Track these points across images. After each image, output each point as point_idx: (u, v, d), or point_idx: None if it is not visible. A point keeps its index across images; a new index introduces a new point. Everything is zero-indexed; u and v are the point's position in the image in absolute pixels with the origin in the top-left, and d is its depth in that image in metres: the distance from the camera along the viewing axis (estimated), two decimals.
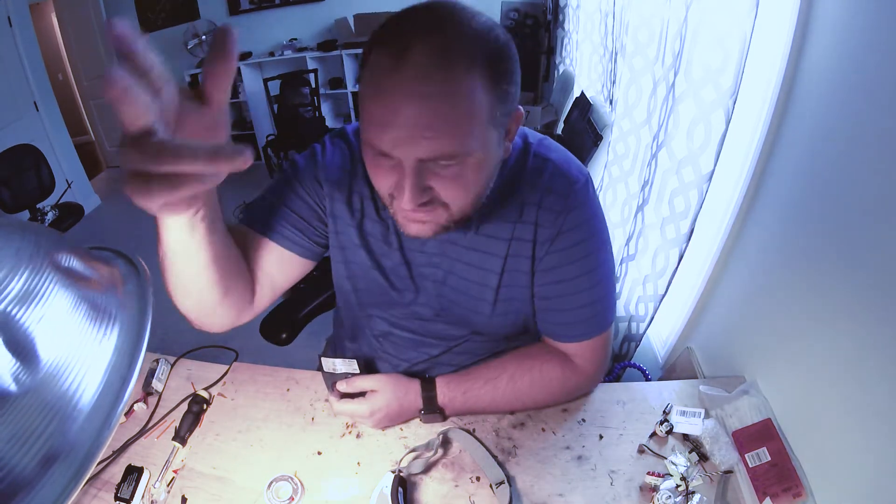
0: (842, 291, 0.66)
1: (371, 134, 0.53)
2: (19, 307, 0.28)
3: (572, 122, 2.40)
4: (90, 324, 0.32)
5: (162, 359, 0.92)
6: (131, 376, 0.32)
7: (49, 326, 0.29)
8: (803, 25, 0.74)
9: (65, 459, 0.28)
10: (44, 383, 0.28)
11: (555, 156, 0.68)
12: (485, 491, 0.70)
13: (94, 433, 0.29)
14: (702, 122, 0.98)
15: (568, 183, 0.66)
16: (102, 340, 0.32)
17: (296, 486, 0.70)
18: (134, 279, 0.38)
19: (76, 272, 0.33)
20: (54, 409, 0.28)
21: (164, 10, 4.06)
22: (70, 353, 0.30)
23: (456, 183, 0.55)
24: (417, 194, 0.54)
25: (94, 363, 0.31)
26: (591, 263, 0.70)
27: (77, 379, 0.29)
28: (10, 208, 2.69)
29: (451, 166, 0.54)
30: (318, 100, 3.64)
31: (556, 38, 3.12)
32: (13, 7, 3.12)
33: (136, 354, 0.33)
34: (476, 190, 0.58)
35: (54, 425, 0.28)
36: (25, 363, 0.27)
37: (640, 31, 1.44)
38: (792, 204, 0.79)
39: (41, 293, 0.29)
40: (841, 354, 0.66)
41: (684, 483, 0.68)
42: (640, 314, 1.30)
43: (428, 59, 0.48)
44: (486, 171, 0.57)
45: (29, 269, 0.29)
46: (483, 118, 0.52)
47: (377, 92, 0.51)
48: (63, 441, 0.28)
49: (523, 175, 0.67)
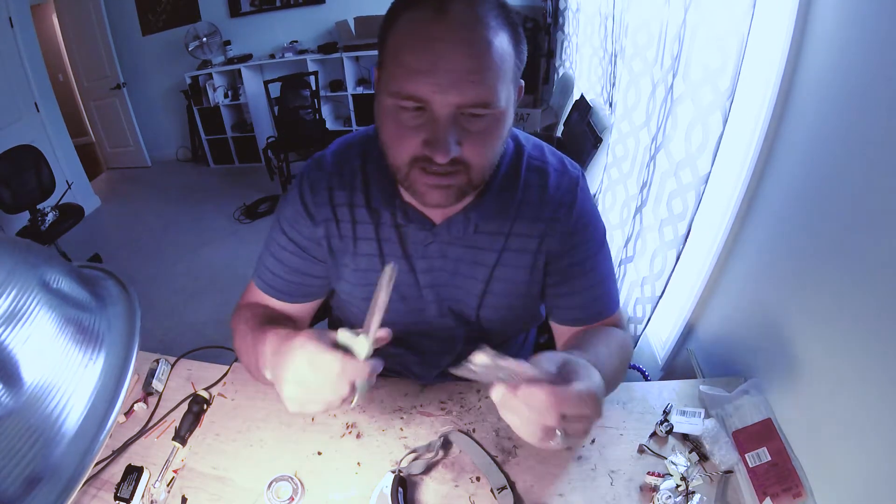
0: (841, 291, 0.66)
1: (409, 84, 0.53)
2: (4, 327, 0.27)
3: (572, 124, 2.40)
4: (77, 346, 0.31)
5: (162, 359, 0.92)
6: (117, 400, 0.31)
7: (34, 348, 0.28)
8: (801, 27, 0.75)
9: (48, 482, 0.28)
10: (28, 405, 0.28)
11: (550, 158, 0.73)
12: (484, 491, 0.70)
13: (79, 457, 0.29)
14: (700, 124, 0.99)
15: (572, 180, 0.72)
16: (88, 363, 0.31)
17: (296, 486, 0.70)
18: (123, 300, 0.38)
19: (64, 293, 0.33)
20: (38, 432, 0.28)
21: (165, 11, 4.06)
22: (55, 376, 0.29)
23: (482, 139, 0.57)
24: (453, 146, 0.55)
25: (79, 386, 0.30)
26: (602, 241, 0.76)
27: (62, 402, 0.29)
28: (10, 209, 2.69)
29: (481, 119, 0.55)
30: (318, 102, 3.64)
31: (556, 42, 3.14)
32: (14, 8, 3.13)
33: (122, 378, 0.32)
34: (494, 150, 0.60)
35: (38, 447, 0.27)
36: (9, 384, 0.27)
37: (639, 33, 1.45)
38: (790, 204, 0.80)
39: (27, 313, 0.29)
40: (841, 354, 0.66)
41: (684, 483, 0.68)
42: (638, 316, 1.30)
43: (467, 13, 0.52)
44: (504, 131, 0.59)
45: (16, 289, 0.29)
46: (509, 74, 0.56)
47: (418, 41, 0.53)
48: (46, 464, 0.28)
49: (519, 176, 0.70)
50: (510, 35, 0.55)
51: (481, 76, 0.53)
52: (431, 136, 0.55)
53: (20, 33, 3.18)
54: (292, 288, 0.78)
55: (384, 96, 0.57)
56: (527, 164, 0.71)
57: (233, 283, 2.75)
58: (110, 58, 4.11)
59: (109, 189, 4.28)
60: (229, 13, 4.04)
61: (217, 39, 3.99)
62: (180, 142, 4.66)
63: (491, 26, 0.53)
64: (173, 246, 3.24)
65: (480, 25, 0.53)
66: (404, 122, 0.56)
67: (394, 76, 0.55)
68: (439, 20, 0.52)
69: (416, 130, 0.55)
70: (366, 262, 0.74)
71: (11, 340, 0.27)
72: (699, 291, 1.07)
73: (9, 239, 0.33)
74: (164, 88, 4.38)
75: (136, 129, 4.43)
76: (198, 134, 4.36)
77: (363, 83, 3.99)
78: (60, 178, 3.04)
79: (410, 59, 0.53)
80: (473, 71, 0.52)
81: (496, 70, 0.54)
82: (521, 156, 0.71)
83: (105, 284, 0.39)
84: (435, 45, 0.52)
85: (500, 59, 0.54)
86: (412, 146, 0.56)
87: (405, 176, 0.60)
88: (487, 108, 0.54)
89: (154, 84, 4.36)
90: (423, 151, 0.56)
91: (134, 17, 4.07)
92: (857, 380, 0.63)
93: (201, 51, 3.98)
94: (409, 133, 0.56)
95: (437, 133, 0.54)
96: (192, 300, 2.65)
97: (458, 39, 0.52)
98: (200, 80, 4.09)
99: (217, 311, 2.52)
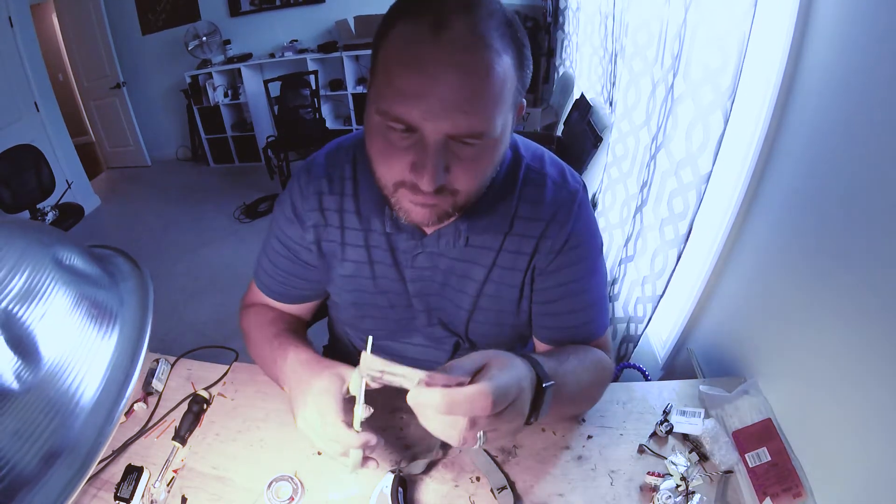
0: (841, 291, 0.66)
1: (398, 106, 0.49)
2: (21, 305, 0.28)
3: (572, 123, 2.40)
4: (91, 321, 0.31)
5: (162, 359, 0.92)
6: (133, 374, 0.32)
7: (50, 324, 0.29)
8: (802, 26, 0.75)
9: (67, 457, 0.28)
10: (45, 381, 0.28)
11: (550, 169, 0.69)
12: (484, 491, 0.70)
13: (96, 431, 0.29)
14: (700, 124, 0.99)
15: (570, 195, 0.68)
16: (104, 338, 0.32)
17: (296, 485, 0.70)
18: (135, 277, 0.38)
19: (77, 270, 0.33)
20: (56, 407, 0.28)
21: (165, 11, 4.06)
22: (71, 351, 0.30)
23: (472, 166, 0.53)
24: (440, 174, 0.51)
25: (95, 361, 0.31)
26: (595, 263, 0.72)
27: (79, 376, 0.29)
28: (10, 208, 2.69)
29: (471, 147, 0.52)
30: (318, 101, 3.64)
31: (556, 41, 3.14)
32: (14, 7, 3.12)
33: (137, 352, 0.33)
34: (485, 176, 0.57)
35: (56, 423, 0.28)
36: (27, 361, 0.27)
37: (639, 32, 1.45)
38: (791, 204, 0.80)
39: (42, 291, 0.29)
40: (841, 354, 0.66)
41: (684, 483, 0.68)
42: (639, 315, 1.30)
43: (467, 33, 0.47)
44: (496, 158, 0.56)
45: (30, 268, 0.29)
46: (509, 100, 0.52)
47: (411, 61, 0.48)
48: (65, 438, 0.28)
49: (515, 188, 0.67)
50: (514, 56, 0.51)
51: (476, 106, 0.49)
52: (419, 160, 0.51)
53: (20, 33, 3.17)
54: (287, 290, 0.79)
55: (372, 111, 0.53)
56: (524, 177, 0.67)
57: (233, 282, 2.75)
58: (110, 57, 4.11)
59: (109, 188, 4.28)
60: (229, 12, 4.04)
61: (217, 39, 3.99)
62: (180, 141, 4.66)
63: (494, 48, 0.48)
64: (173, 245, 3.24)
65: (482, 47, 0.48)
66: (392, 141, 0.52)
67: (383, 95, 0.51)
68: (436, 40, 0.47)
69: (405, 152, 0.52)
70: (353, 268, 0.73)
71: (28, 317, 0.28)
72: (699, 291, 1.07)
73: (21, 220, 0.34)
74: (163, 88, 4.38)
75: (135, 128, 4.43)
76: (198, 133, 4.36)
77: (363, 82, 3.99)
78: (60, 178, 3.05)
79: (401, 81, 0.48)
80: (468, 100, 0.48)
81: (494, 98, 0.50)
82: (519, 167, 0.67)
83: (116, 262, 0.39)
84: (428, 67, 0.47)
85: (500, 85, 0.49)
86: (399, 169, 0.53)
87: (391, 193, 0.57)
88: (479, 140, 0.51)
89: (154, 83, 4.36)
90: (410, 176, 0.53)
91: (134, 16, 4.07)
92: (857, 380, 0.63)
93: (201, 50, 3.98)
94: (397, 154, 0.53)
95: (424, 159, 0.51)
96: (192, 300, 2.65)
97: (454, 63, 0.47)
98: (200, 79, 4.09)
99: (217, 311, 2.52)
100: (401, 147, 0.52)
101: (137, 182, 4.38)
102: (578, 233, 0.68)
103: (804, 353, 0.73)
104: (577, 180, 0.70)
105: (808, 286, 0.74)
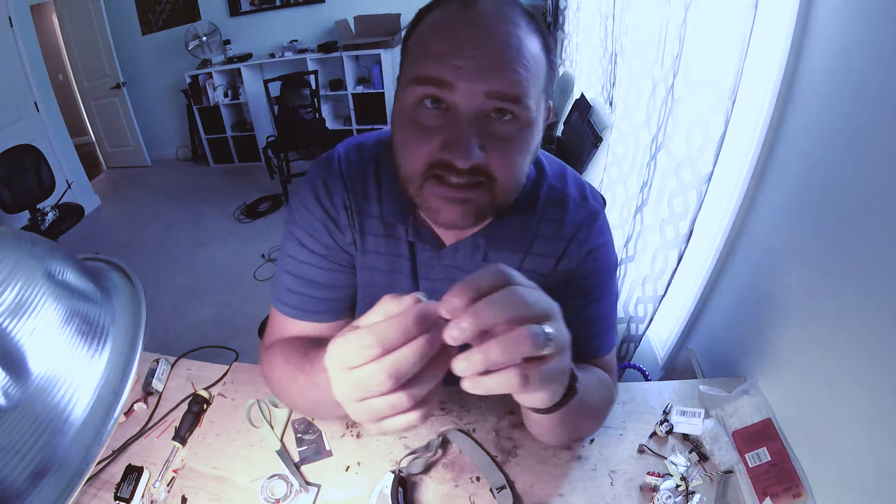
0: (842, 291, 0.66)
1: (431, 66, 0.48)
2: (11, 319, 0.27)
3: (572, 123, 2.40)
4: (82, 337, 0.31)
5: (162, 359, 0.92)
6: (123, 391, 0.31)
7: (40, 339, 0.29)
8: (802, 26, 0.75)
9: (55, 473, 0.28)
10: (34, 397, 0.28)
11: (572, 189, 0.67)
12: (484, 491, 0.70)
13: (85, 448, 0.29)
14: (700, 124, 0.99)
15: (591, 214, 0.67)
16: (94, 355, 0.31)
17: (290, 484, 0.70)
18: (127, 292, 0.38)
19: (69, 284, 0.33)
20: (45, 423, 0.28)
21: (165, 11, 4.06)
22: (61, 367, 0.29)
23: (509, 146, 0.51)
24: (475, 149, 0.49)
25: (85, 377, 0.30)
26: (609, 281, 0.70)
27: (68, 393, 0.29)
28: (10, 208, 2.69)
29: (508, 123, 0.50)
30: (318, 101, 3.64)
31: (557, 41, 3.14)
32: (14, 7, 3.12)
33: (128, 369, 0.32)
34: (522, 165, 0.54)
35: (45, 439, 0.28)
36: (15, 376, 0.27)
37: (639, 32, 1.45)
38: (791, 204, 0.80)
39: (33, 305, 0.29)
40: (841, 354, 0.66)
41: (684, 483, 0.68)
42: (640, 315, 1.30)
43: (496, 9, 0.50)
44: (532, 145, 0.54)
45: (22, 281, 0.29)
46: (541, 80, 0.52)
47: (443, 31, 0.49)
48: (53, 455, 0.28)
49: (536, 207, 0.65)
50: (542, 43, 0.52)
51: (511, 66, 0.48)
52: (451, 136, 0.49)
53: (20, 33, 3.17)
54: (321, 305, 0.69)
55: (402, 93, 0.52)
56: (546, 194, 0.65)
57: (233, 282, 2.75)
58: (110, 57, 4.11)
59: (109, 188, 4.28)
60: (229, 12, 4.04)
61: (217, 39, 3.99)
62: (180, 141, 4.66)
63: (521, 26, 0.50)
64: (173, 245, 3.24)
65: (511, 24, 0.49)
66: (423, 121, 0.50)
67: (416, 64, 0.50)
68: (467, 14, 0.49)
69: (436, 132, 0.50)
70: (368, 276, 0.69)
71: (18, 332, 0.27)
72: (699, 291, 1.07)
73: (13, 232, 0.33)
74: (163, 88, 4.38)
75: (135, 128, 4.43)
76: (198, 133, 4.35)
77: (363, 82, 3.98)
78: (60, 178, 3.05)
79: (434, 45, 0.49)
80: (502, 60, 0.48)
81: (526, 65, 0.49)
82: (541, 184, 0.66)
83: (110, 276, 0.39)
84: (461, 32, 0.48)
85: (532, 58, 0.50)
86: (429, 149, 0.50)
87: (419, 188, 0.53)
88: (516, 105, 0.49)
89: (154, 83, 4.36)
90: (442, 155, 0.50)
91: (134, 16, 4.07)
92: (857, 380, 0.63)
93: (201, 50, 3.98)
94: (428, 134, 0.50)
95: (458, 133, 0.48)
96: (192, 300, 2.64)
97: (486, 31, 0.48)
98: (200, 79, 4.09)
99: (217, 311, 2.52)
100: (432, 126, 0.50)
101: (137, 182, 4.38)
102: (595, 256, 0.67)
103: (804, 353, 0.73)
104: (597, 199, 0.69)
105: (808, 286, 0.74)
